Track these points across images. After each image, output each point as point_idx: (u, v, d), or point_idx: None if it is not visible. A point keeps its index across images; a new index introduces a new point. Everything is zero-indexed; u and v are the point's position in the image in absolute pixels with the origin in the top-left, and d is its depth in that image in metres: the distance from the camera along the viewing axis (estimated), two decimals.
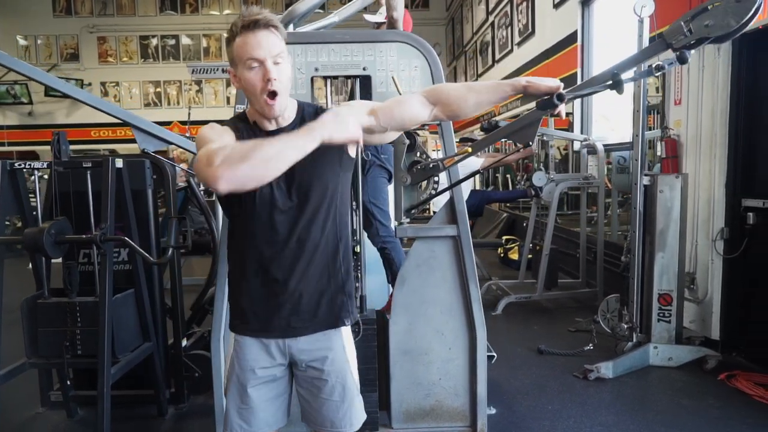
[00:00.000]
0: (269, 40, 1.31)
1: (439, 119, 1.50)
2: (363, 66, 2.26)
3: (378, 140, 1.52)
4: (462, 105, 1.44)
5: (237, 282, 1.48)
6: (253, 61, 1.31)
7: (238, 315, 1.48)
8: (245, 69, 1.33)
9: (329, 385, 1.48)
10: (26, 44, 13.86)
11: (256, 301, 1.44)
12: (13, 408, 3.00)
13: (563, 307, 4.95)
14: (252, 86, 1.33)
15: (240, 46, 1.32)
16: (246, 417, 1.47)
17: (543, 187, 4.92)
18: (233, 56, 1.35)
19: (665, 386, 3.20)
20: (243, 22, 1.31)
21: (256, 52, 1.31)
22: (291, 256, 1.40)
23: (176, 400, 3.05)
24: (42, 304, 2.56)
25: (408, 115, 1.45)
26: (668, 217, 3.41)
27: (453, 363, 2.41)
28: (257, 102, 1.35)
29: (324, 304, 1.46)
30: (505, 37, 8.95)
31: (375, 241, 2.81)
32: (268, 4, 13.62)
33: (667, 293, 3.43)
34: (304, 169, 1.37)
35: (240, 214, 1.42)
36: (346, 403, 1.50)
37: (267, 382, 1.48)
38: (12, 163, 2.50)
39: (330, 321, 1.48)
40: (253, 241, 1.41)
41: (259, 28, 1.31)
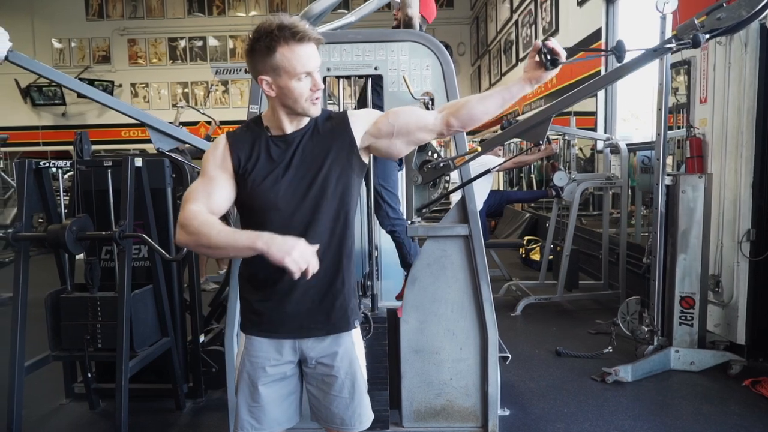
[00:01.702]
0: (317, 53, 1.35)
1: (452, 126, 1.46)
2: (375, 65, 2.27)
3: (386, 148, 1.49)
4: (469, 108, 1.45)
5: (247, 282, 1.50)
6: (305, 74, 1.33)
7: (248, 315, 1.50)
8: (292, 79, 1.33)
9: (339, 382, 1.49)
10: (61, 47, 14.28)
11: (266, 302, 1.45)
12: (38, 399, 3.10)
13: (584, 309, 4.88)
14: (299, 95, 1.35)
15: (290, 57, 1.31)
16: (257, 415, 1.48)
17: (564, 187, 4.86)
18: (277, 66, 1.32)
19: (686, 391, 3.13)
20: (297, 36, 1.30)
21: (311, 64, 1.33)
22: None
23: (194, 395, 3.11)
24: (65, 298, 2.64)
25: (414, 118, 1.46)
26: (691, 218, 3.33)
27: (464, 363, 2.40)
28: (300, 106, 1.37)
29: (336, 307, 1.47)
30: (529, 36, 8.85)
31: (384, 223, 2.79)
32: (293, 6, 13.76)
33: (690, 296, 3.35)
34: (317, 174, 1.40)
35: (250, 214, 1.45)
36: (355, 401, 1.51)
37: (277, 380, 1.49)
38: (37, 162, 2.59)
39: (341, 324, 1.49)
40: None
41: (312, 41, 1.33)
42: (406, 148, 1.50)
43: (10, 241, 2.44)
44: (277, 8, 14.00)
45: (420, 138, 1.50)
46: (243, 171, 1.40)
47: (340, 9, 8.14)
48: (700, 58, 3.83)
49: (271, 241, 1.24)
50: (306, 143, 1.42)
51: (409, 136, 1.46)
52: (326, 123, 1.45)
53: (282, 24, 1.30)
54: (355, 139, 1.44)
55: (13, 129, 13.21)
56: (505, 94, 1.45)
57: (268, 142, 1.42)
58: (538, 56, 1.40)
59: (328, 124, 1.45)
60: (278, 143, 1.42)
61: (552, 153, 5.51)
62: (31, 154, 14.61)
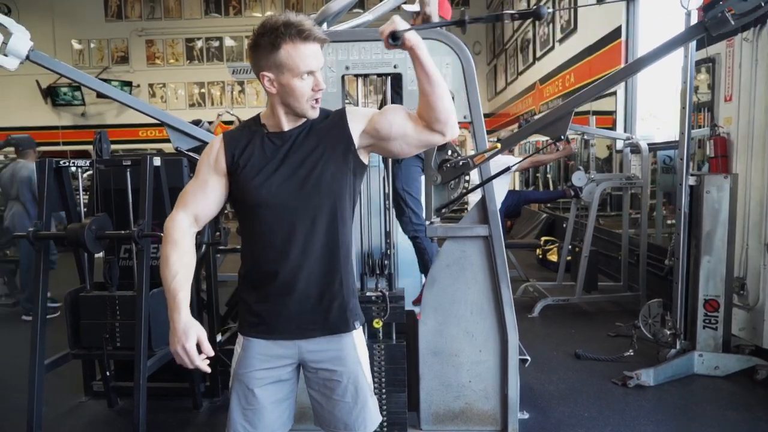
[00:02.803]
0: (321, 53, 1.34)
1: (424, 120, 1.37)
2: (394, 64, 2.24)
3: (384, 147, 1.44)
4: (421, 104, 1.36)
5: (244, 282, 1.48)
6: (308, 73, 1.32)
7: (246, 317, 1.47)
8: (295, 77, 1.32)
9: (341, 386, 1.45)
10: (80, 48, 14.49)
11: (263, 303, 1.43)
12: (57, 397, 3.13)
13: (603, 311, 4.80)
14: (300, 94, 1.34)
15: (294, 55, 1.30)
16: (251, 418, 1.44)
17: (583, 188, 4.79)
18: (280, 63, 1.31)
19: (710, 396, 3.05)
20: (302, 34, 1.28)
21: (314, 63, 1.32)
22: (297, 259, 1.39)
23: (211, 394, 3.12)
24: (84, 297, 2.66)
25: (398, 117, 1.40)
26: (715, 219, 3.25)
27: (483, 365, 2.36)
28: (299, 106, 1.36)
29: (334, 308, 1.44)
30: (546, 34, 8.76)
31: (407, 229, 2.78)
32: (309, 6, 13.79)
33: (714, 299, 3.27)
34: (311, 171, 1.38)
35: (243, 211, 1.43)
36: (359, 405, 1.47)
37: (273, 382, 1.45)
38: (57, 161, 2.60)
39: (339, 325, 1.46)
40: (259, 243, 1.42)
41: (316, 41, 1.31)
42: (408, 149, 1.43)
43: (31, 239, 2.45)
44: (293, 8, 14.05)
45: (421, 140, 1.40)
46: (235, 167, 1.39)
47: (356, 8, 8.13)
48: (725, 55, 3.74)
49: (176, 324, 1.29)
50: (301, 140, 1.40)
51: (406, 138, 1.39)
52: (324, 120, 1.43)
53: (288, 21, 1.29)
54: (353, 137, 1.41)
55: (33, 129, 13.42)
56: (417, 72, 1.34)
57: (263, 138, 1.41)
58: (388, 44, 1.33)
59: (325, 122, 1.43)
60: (274, 140, 1.40)
61: (570, 152, 5.43)
62: (51, 153, 14.82)
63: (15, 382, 3.19)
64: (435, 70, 1.33)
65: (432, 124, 1.36)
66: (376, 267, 2.36)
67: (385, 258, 2.37)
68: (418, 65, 1.33)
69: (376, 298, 2.28)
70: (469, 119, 2.22)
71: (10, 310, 5.26)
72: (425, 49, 1.33)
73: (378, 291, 2.33)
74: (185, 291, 1.33)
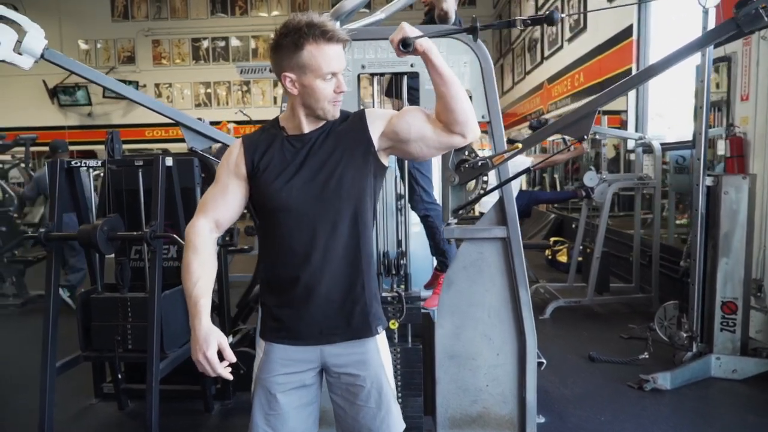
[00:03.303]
0: (343, 54, 1.32)
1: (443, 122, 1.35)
2: (411, 62, 2.20)
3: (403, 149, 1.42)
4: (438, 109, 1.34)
5: (266, 287, 1.46)
6: (331, 73, 1.30)
7: (267, 321, 1.45)
8: (317, 78, 1.30)
9: (365, 391, 1.43)
10: (87, 48, 14.52)
11: (284, 309, 1.41)
12: (67, 399, 3.10)
13: (615, 312, 4.75)
14: (322, 95, 1.32)
15: (316, 56, 1.28)
16: (273, 424, 1.42)
17: (594, 188, 4.74)
18: (302, 63, 1.29)
19: (729, 400, 3.01)
20: (326, 35, 1.27)
21: (337, 65, 1.31)
22: (318, 264, 1.37)
23: (222, 396, 3.09)
24: (95, 298, 2.63)
25: (418, 119, 1.38)
26: (733, 221, 3.20)
27: (501, 369, 2.32)
28: (320, 108, 1.34)
29: (356, 312, 1.42)
30: (555, 33, 8.70)
31: (418, 207, 2.71)
32: (315, 5, 13.77)
33: (732, 301, 3.22)
34: (331, 174, 1.36)
35: (263, 216, 1.42)
36: (383, 410, 1.44)
37: (297, 388, 1.44)
38: (69, 161, 2.58)
39: (362, 329, 1.44)
40: (280, 248, 1.40)
41: (340, 42, 1.30)
42: (428, 151, 1.41)
43: (42, 240, 2.43)
44: (299, 8, 14.03)
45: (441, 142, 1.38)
46: (255, 171, 1.38)
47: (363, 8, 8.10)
48: (741, 54, 3.69)
49: (197, 331, 1.27)
50: (321, 143, 1.38)
51: (425, 140, 1.37)
52: (343, 123, 1.41)
53: (312, 22, 1.27)
54: (372, 140, 1.39)
55: (40, 129, 13.43)
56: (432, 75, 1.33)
57: (283, 141, 1.39)
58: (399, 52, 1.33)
59: (344, 124, 1.41)
60: (293, 143, 1.39)
61: (582, 152, 5.38)
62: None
63: (25, 381, 3.18)
64: (449, 71, 1.32)
65: (451, 125, 1.34)
66: (392, 267, 2.32)
67: (401, 258, 2.33)
68: (432, 68, 1.32)
69: (392, 299, 2.25)
70: (487, 119, 2.18)
71: (18, 310, 5.25)
72: (437, 52, 1.32)
73: (394, 292, 2.29)
74: (206, 298, 1.31)
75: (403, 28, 1.31)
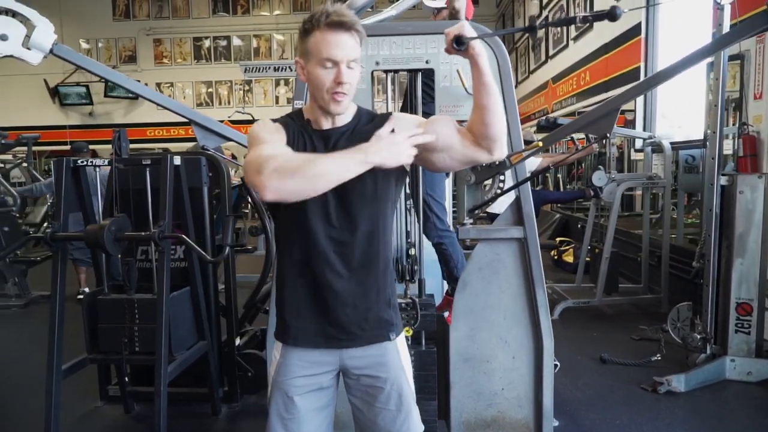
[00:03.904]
0: (350, 44, 1.27)
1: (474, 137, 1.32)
2: (426, 59, 2.15)
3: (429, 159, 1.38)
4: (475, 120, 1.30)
5: (283, 290, 1.42)
6: (329, 61, 1.26)
7: (284, 323, 1.41)
8: (318, 65, 1.28)
9: (385, 393, 1.40)
10: (88, 47, 14.47)
11: (303, 312, 1.38)
12: (73, 401, 3.05)
13: (624, 313, 4.70)
14: (320, 83, 1.28)
15: (318, 41, 1.26)
16: (290, 428, 1.39)
17: (603, 187, 4.69)
18: (308, 49, 1.29)
19: (744, 403, 2.96)
20: (328, 20, 1.25)
21: (334, 52, 1.26)
22: (338, 269, 1.34)
23: (229, 399, 3.04)
24: (102, 300, 2.58)
25: (446, 129, 1.34)
26: (749, 221, 3.15)
27: (517, 372, 2.27)
28: (321, 98, 1.31)
29: (371, 319, 1.39)
30: (559, 32, 8.66)
31: (431, 235, 2.69)
32: (317, 3, 13.71)
33: (747, 302, 3.17)
34: (358, 182, 1.29)
35: (287, 221, 1.37)
36: (403, 413, 1.41)
37: (314, 390, 1.41)
38: (75, 160, 2.53)
39: (377, 336, 1.41)
40: (299, 251, 1.36)
41: (344, 30, 1.26)
42: (450, 163, 1.37)
43: (48, 241, 2.38)
44: (301, 8, 13.99)
45: (467, 157, 1.35)
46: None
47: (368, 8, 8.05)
48: (755, 52, 3.64)
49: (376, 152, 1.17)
50: (346, 143, 1.33)
51: (451, 151, 1.34)
52: (368, 125, 1.36)
53: (325, 10, 1.26)
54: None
55: (41, 128, 13.40)
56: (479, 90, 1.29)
57: (310, 134, 1.36)
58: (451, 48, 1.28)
59: (370, 127, 1.35)
60: (317, 139, 1.35)
61: (592, 152, 5.33)
62: (59, 152, 14.81)
63: (29, 383, 3.13)
64: (494, 82, 1.28)
65: (481, 139, 1.31)
66: (405, 273, 2.27)
67: (414, 264, 2.29)
68: (478, 75, 1.27)
69: (406, 305, 2.20)
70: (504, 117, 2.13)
71: (21, 310, 5.21)
72: (487, 59, 1.27)
73: (408, 298, 2.24)
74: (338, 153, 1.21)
75: (464, 25, 1.26)
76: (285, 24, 14.01)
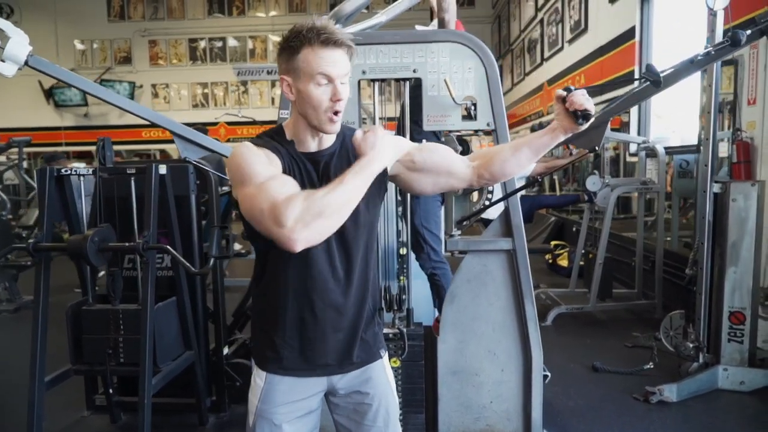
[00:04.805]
0: (344, 60, 1.23)
1: (482, 178, 1.39)
2: (413, 68, 2.12)
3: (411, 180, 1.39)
4: (501, 159, 1.35)
5: (266, 315, 1.36)
6: (324, 77, 1.21)
7: (268, 351, 1.35)
8: (311, 83, 1.21)
9: (373, 410, 1.39)
10: (83, 48, 14.40)
11: (292, 339, 1.33)
12: (59, 410, 3.01)
13: (618, 319, 4.67)
14: (316, 102, 1.22)
15: (311, 59, 1.20)
16: None
17: (597, 192, 4.66)
18: (297, 67, 1.22)
19: (737, 413, 2.93)
20: (321, 37, 1.19)
21: (330, 69, 1.20)
22: (337, 296, 1.31)
23: (217, 409, 3.00)
24: (86, 311, 2.55)
25: (446, 161, 1.38)
26: (742, 229, 3.12)
27: (505, 385, 2.25)
28: (316, 117, 1.24)
29: (365, 342, 1.38)
30: (555, 34, 8.64)
31: (425, 266, 2.73)
32: (312, 5, 13.69)
33: (740, 311, 3.15)
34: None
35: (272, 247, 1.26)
36: (390, 429, 1.41)
37: (302, 415, 1.37)
38: (59, 168, 2.49)
39: (370, 356, 1.41)
40: (296, 278, 1.30)
41: (338, 47, 1.21)
42: (431, 188, 1.42)
43: (30, 251, 2.34)
44: (297, 8, 13.95)
45: (448, 184, 1.41)
46: None
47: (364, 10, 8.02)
48: (748, 57, 3.62)
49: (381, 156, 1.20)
50: (336, 163, 1.29)
51: (437, 177, 1.38)
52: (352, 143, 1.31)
53: (312, 25, 1.20)
54: (387, 168, 1.33)
55: (36, 129, 13.36)
56: (539, 146, 1.33)
57: (299, 157, 1.28)
58: (571, 114, 1.25)
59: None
60: (306, 162, 1.28)
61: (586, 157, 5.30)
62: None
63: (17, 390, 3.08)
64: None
65: (484, 177, 1.38)
66: (393, 303, 2.24)
67: (402, 293, 2.26)
68: (551, 143, 1.32)
69: (393, 336, 2.17)
70: (492, 127, 2.10)
71: (11, 315, 5.16)
72: None
73: (395, 328, 2.22)
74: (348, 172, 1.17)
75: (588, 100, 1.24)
76: (281, 25, 13.96)
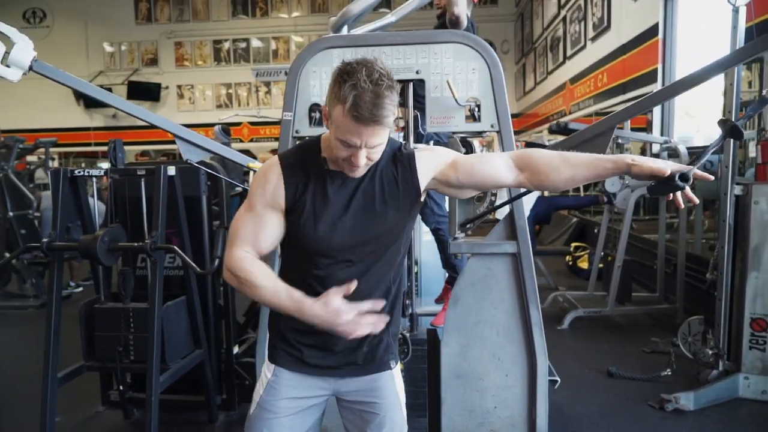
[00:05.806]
0: (374, 134, 1.17)
1: (524, 187, 1.37)
2: (416, 69, 2.10)
3: (451, 193, 1.41)
4: (552, 176, 1.28)
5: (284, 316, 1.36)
6: (344, 143, 1.18)
7: (281, 346, 1.39)
8: (336, 138, 1.19)
9: (378, 419, 1.40)
10: (112, 51, 14.74)
11: (306, 340, 1.35)
12: (75, 405, 3.09)
13: (637, 324, 4.56)
14: (336, 151, 1.22)
15: (340, 121, 1.16)
16: None
17: (617, 193, 4.56)
18: (332, 113, 1.19)
19: (758, 423, 2.83)
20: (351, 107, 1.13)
21: (354, 140, 1.17)
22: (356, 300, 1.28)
23: (227, 407, 3.04)
24: (98, 309, 2.60)
25: (489, 173, 1.32)
26: (765, 232, 3.02)
27: (510, 390, 2.21)
28: (337, 160, 1.24)
29: (378, 350, 1.39)
30: (577, 32, 8.49)
31: (429, 221, 2.66)
32: (335, 6, 13.72)
33: (762, 318, 3.04)
34: (377, 224, 1.29)
35: (296, 254, 1.34)
36: None
37: (305, 409, 1.40)
38: (72, 170, 2.55)
39: (377, 366, 1.41)
40: (307, 283, 1.30)
41: (370, 124, 1.15)
42: (470, 194, 1.47)
43: (44, 251, 2.40)
44: (319, 9, 14.01)
45: (489, 188, 1.48)
46: (294, 207, 1.28)
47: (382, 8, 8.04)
48: None
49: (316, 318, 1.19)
50: (366, 187, 1.28)
51: (479, 187, 1.42)
52: (390, 166, 1.30)
53: (356, 93, 1.12)
54: (420, 187, 1.32)
55: (67, 130, 13.74)
56: (600, 173, 1.26)
57: (325, 177, 1.28)
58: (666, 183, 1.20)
59: (392, 168, 1.30)
60: (335, 179, 1.28)
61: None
62: (84, 154, 15.18)
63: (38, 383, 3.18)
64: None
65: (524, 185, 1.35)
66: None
67: (406, 298, 2.24)
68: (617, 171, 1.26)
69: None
70: (496, 128, 2.07)
71: (36, 311, 5.31)
72: None
73: (399, 333, 2.20)
74: (291, 290, 1.22)
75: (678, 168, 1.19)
76: (303, 26, 14.05)
